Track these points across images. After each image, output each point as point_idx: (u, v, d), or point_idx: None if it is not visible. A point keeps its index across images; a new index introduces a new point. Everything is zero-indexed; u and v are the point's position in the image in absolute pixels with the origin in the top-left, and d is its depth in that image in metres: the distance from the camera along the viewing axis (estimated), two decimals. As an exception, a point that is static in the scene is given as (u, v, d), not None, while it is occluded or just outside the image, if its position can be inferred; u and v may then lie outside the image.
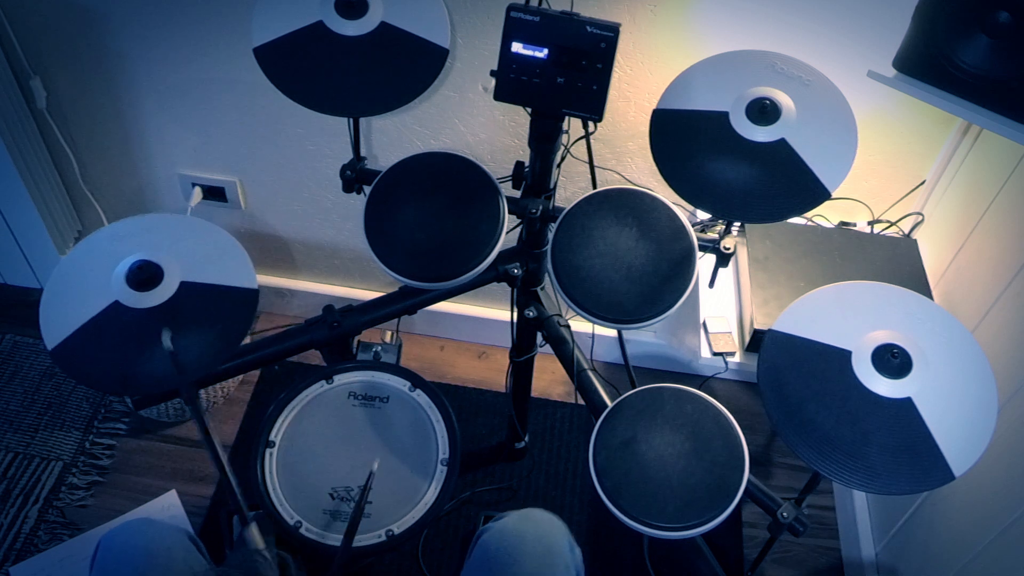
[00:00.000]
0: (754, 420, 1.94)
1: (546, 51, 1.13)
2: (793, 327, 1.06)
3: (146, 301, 1.08)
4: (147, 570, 1.11)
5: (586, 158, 1.39)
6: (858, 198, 1.64)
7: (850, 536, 1.75)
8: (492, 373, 2.04)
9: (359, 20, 1.19)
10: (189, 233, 1.18)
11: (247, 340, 1.22)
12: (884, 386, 0.99)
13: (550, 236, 1.23)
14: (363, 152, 1.34)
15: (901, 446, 0.97)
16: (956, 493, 1.39)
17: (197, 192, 1.84)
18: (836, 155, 1.11)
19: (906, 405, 0.98)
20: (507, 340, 1.56)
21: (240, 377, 1.97)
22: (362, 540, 1.09)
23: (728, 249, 1.22)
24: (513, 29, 1.13)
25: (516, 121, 1.62)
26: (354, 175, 1.32)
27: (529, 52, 1.14)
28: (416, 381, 1.22)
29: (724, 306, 1.54)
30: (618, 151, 1.64)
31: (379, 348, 1.34)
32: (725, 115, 1.14)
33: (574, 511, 1.81)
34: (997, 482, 1.27)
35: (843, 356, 1.02)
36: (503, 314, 2.02)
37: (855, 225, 1.65)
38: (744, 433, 1.16)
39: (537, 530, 1.17)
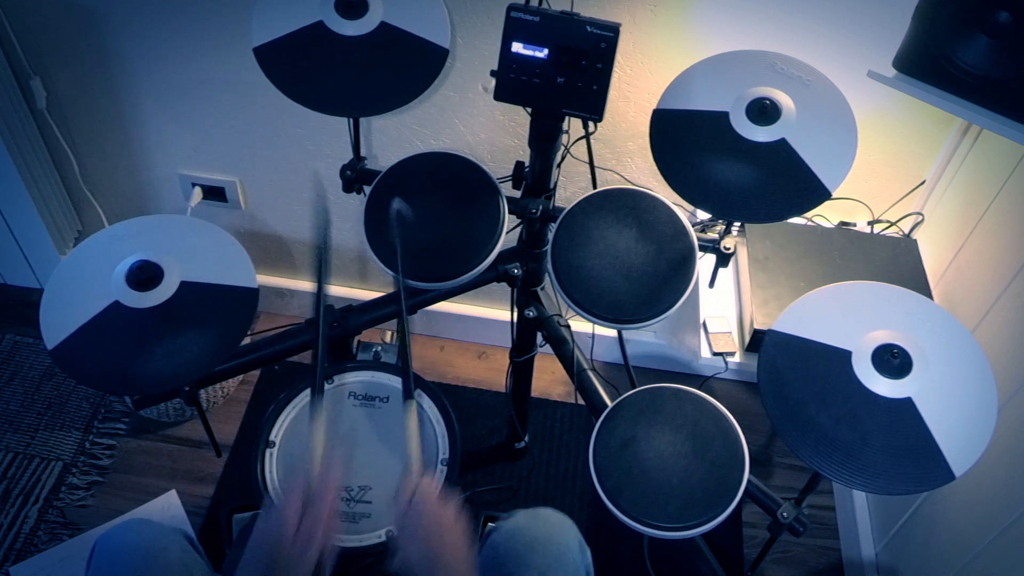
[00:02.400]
0: (754, 420, 1.94)
1: (546, 51, 1.13)
2: (793, 327, 1.06)
3: (146, 301, 1.09)
4: (143, 571, 1.11)
5: (586, 158, 1.39)
6: (858, 198, 1.64)
7: (850, 536, 1.74)
8: (492, 373, 2.04)
9: (359, 20, 1.19)
10: (189, 233, 1.18)
11: (247, 340, 1.22)
12: (884, 386, 0.99)
13: (550, 236, 1.23)
14: (363, 152, 1.34)
15: (901, 446, 0.97)
16: (956, 493, 1.39)
17: (197, 192, 1.84)
18: (836, 155, 1.11)
19: (906, 405, 0.98)
20: (507, 340, 1.56)
21: (240, 377, 1.97)
22: (362, 540, 1.09)
23: (728, 249, 1.21)
24: (513, 29, 1.13)
25: (516, 121, 1.62)
26: (354, 175, 1.32)
27: (529, 52, 1.14)
28: (416, 381, 1.22)
29: (724, 306, 1.54)
30: (618, 151, 1.64)
31: (379, 348, 1.33)
32: (725, 115, 1.14)
33: (574, 511, 1.81)
34: (997, 482, 1.27)
35: (843, 356, 1.02)
36: (503, 314, 2.02)
37: (855, 225, 1.65)
38: (744, 433, 1.16)
39: (547, 530, 1.16)
